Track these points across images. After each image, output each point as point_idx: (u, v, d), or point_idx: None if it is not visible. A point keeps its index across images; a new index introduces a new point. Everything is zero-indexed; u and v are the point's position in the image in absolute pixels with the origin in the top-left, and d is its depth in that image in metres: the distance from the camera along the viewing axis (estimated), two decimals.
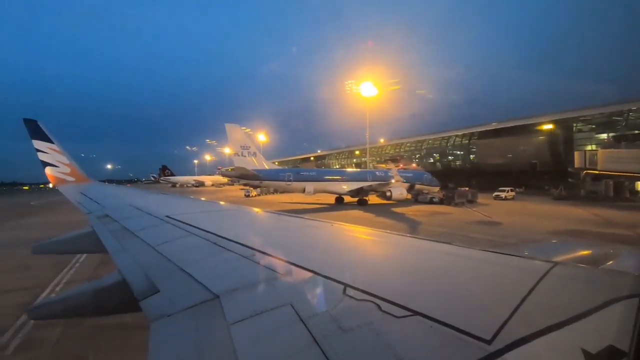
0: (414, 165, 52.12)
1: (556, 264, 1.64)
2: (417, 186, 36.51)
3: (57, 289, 9.75)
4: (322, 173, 38.53)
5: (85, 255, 12.02)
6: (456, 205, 32.93)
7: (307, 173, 36.46)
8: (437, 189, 38.30)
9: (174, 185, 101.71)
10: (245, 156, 31.31)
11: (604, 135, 43.81)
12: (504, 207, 30.90)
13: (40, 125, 9.86)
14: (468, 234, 18.00)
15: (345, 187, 34.06)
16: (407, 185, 33.44)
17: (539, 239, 16.32)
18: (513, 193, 39.33)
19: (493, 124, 56.93)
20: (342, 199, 35.82)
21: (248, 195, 49.45)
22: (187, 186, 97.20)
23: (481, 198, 36.73)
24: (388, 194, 31.88)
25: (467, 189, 37.71)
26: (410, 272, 1.85)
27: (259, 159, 32.78)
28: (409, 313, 1.20)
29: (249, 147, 31.93)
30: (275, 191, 51.63)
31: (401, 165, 39.87)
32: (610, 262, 2.72)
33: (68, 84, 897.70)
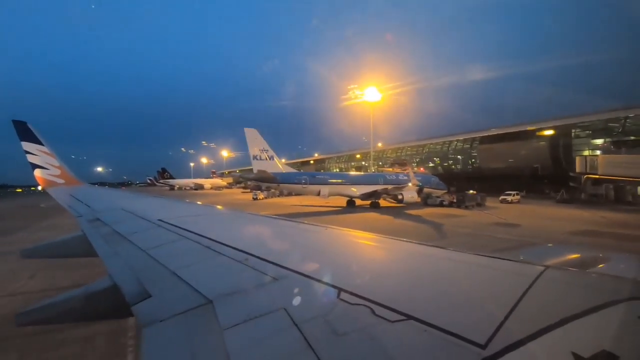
0: (422, 169, 53.21)
1: (547, 267, 1.66)
2: (425, 189, 37.47)
3: None
4: (336, 176, 39.33)
5: None
6: (467, 207, 33.93)
7: (322, 176, 37.20)
8: (443, 192, 39.43)
9: (172, 188, 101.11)
10: (264, 159, 31.89)
11: (600, 141, 45.66)
12: (513, 210, 31.90)
13: (30, 127, 9.72)
14: (494, 235, 18.80)
15: (359, 190, 34.80)
16: (417, 188, 34.29)
17: (562, 238, 17.31)
18: (518, 197, 40.51)
19: (492, 129, 58.58)
20: (354, 202, 36.53)
21: (256, 199, 49.20)
22: (185, 189, 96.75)
23: (487, 201, 37.85)
24: (400, 197, 32.71)
25: (474, 192, 38.84)
26: (404, 276, 1.85)
27: (275, 162, 33.35)
28: (403, 317, 1.21)
29: (267, 150, 32.51)
30: (281, 194, 52.01)
31: (409, 169, 40.86)
32: (600, 265, 2.86)
33: (62, 84, 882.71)
